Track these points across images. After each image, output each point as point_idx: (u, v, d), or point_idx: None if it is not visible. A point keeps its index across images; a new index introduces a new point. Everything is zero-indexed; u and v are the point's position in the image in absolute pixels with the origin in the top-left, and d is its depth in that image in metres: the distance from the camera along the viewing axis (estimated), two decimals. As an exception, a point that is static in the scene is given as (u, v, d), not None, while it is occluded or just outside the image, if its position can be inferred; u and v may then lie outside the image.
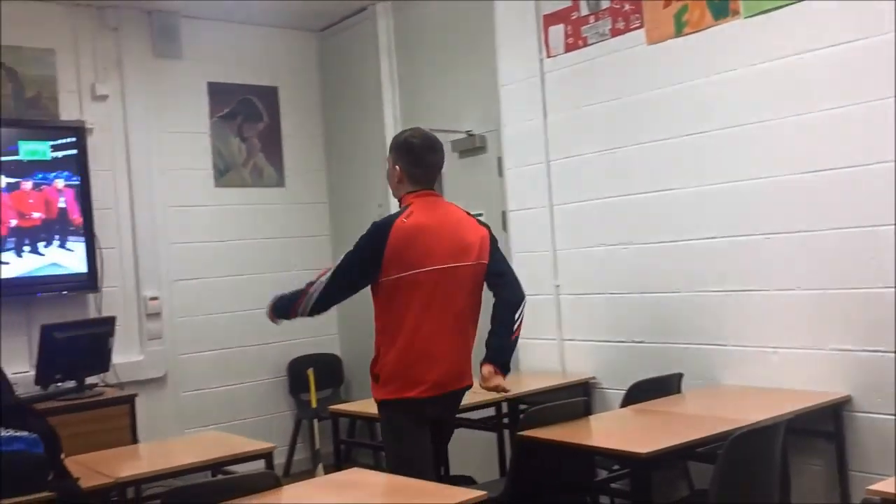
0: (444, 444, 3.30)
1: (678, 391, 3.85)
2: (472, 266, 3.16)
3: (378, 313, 3.18)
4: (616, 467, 3.63)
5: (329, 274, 3.15)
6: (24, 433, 2.90)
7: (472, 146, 5.01)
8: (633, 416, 3.51)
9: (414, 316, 3.07)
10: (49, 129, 4.96)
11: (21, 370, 4.67)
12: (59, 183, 4.92)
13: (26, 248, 4.79)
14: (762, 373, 3.66)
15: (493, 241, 3.29)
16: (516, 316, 3.16)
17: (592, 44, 4.28)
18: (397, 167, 3.22)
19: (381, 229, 3.10)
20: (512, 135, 4.75)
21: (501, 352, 3.11)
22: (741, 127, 3.68)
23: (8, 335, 4.77)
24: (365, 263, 3.11)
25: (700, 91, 3.83)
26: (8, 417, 2.93)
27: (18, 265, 4.76)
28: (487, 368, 3.06)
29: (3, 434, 2.87)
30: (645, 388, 3.77)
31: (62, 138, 4.94)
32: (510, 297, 3.20)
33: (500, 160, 4.88)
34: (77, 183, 4.97)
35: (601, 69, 4.25)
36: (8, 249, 4.72)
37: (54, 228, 4.89)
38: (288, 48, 6.10)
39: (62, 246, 4.92)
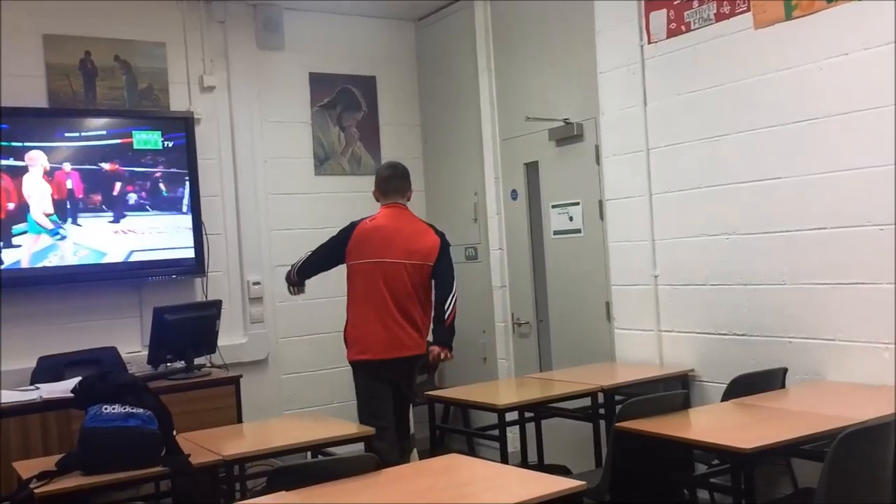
0: (404, 409, 4.22)
1: (782, 386, 3.75)
2: (417, 265, 4.10)
3: (347, 291, 4.18)
4: (715, 462, 3.57)
5: (312, 250, 4.24)
6: (140, 410, 3.06)
7: (569, 134, 4.97)
8: (735, 411, 3.44)
9: (365, 295, 4.06)
10: (161, 119, 5.17)
11: (133, 350, 4.92)
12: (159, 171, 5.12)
13: (135, 233, 5.02)
14: (872, 369, 3.52)
15: (443, 248, 4.20)
16: (446, 307, 4.12)
17: (695, 29, 4.18)
18: (374, 189, 4.33)
19: (351, 225, 4.15)
20: (610, 122, 4.69)
21: (441, 335, 4.14)
22: (852, 114, 3.54)
23: (122, 317, 5.03)
24: (334, 247, 4.16)
25: (809, 77, 3.70)
26: (125, 395, 3.09)
27: (129, 249, 4.99)
28: (433, 349, 4.16)
29: (120, 411, 3.03)
30: (747, 382, 3.68)
31: (172, 128, 5.14)
32: (440, 294, 4.16)
33: (597, 148, 4.83)
34: (185, 171, 5.17)
35: (704, 55, 4.15)
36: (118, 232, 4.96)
37: (166, 214, 5.10)
38: (386, 38, 6.18)
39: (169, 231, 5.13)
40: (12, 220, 4.65)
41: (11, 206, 4.65)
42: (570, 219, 5.05)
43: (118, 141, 4.96)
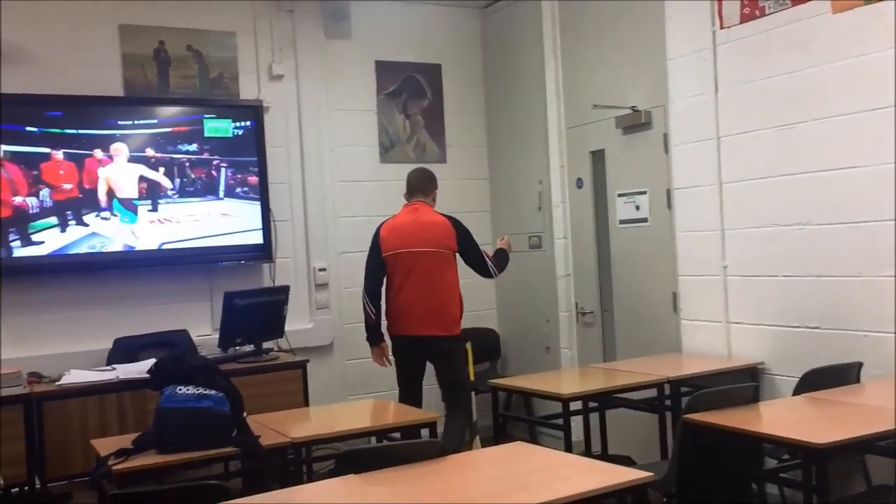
0: (442, 382, 4.60)
1: (857, 381, 3.65)
2: (434, 252, 4.53)
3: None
4: (786, 457, 3.50)
5: (365, 272, 4.70)
6: (212, 392, 3.14)
7: (637, 122, 4.91)
8: (807, 405, 3.36)
9: (395, 282, 4.57)
10: (231, 107, 5.27)
11: (204, 333, 5.04)
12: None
13: (204, 218, 5.13)
14: (953, 365, 3.41)
15: (460, 232, 4.61)
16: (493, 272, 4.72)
17: (771, 13, 4.08)
18: (405, 191, 4.81)
19: (377, 230, 4.69)
20: (680, 110, 4.61)
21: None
22: (937, 100, 3.41)
23: (192, 300, 5.15)
24: (374, 254, 4.66)
25: (887, 63, 3.57)
26: (198, 377, 3.17)
27: (198, 234, 5.11)
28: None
29: (194, 392, 3.11)
30: (820, 377, 3.59)
31: (242, 116, 5.24)
32: (485, 276, 4.77)
33: (665, 136, 4.75)
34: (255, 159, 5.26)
35: (779, 40, 4.04)
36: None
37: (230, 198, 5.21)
38: (452, 26, 6.18)
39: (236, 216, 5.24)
40: (85, 205, 4.79)
41: (68, 188, 4.80)
42: (637, 208, 4.99)
43: (189, 128, 5.08)
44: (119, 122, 4.89)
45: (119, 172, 4.89)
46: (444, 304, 4.51)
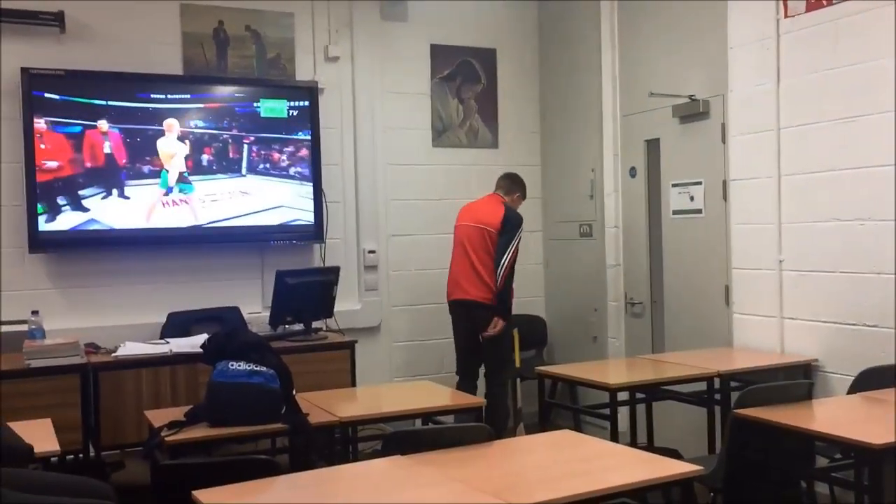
0: (485, 359, 5.05)
1: (915, 382, 3.56)
2: (479, 228, 4.97)
3: None
4: (838, 456, 3.43)
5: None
6: (263, 368, 3.18)
7: (695, 111, 4.83)
8: (863, 404, 3.29)
9: (452, 253, 5.12)
10: (287, 88, 5.31)
11: (254, 310, 5.11)
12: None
13: (259, 197, 5.19)
14: None
15: (506, 222, 4.92)
16: (497, 273, 4.88)
17: (838, 2, 3.97)
18: None
19: None
20: (739, 100, 4.52)
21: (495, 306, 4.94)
22: None
23: (244, 278, 5.22)
24: None
25: (963, 55, 3.46)
26: (250, 353, 3.22)
27: (251, 212, 5.18)
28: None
29: (245, 368, 3.16)
30: (876, 376, 3.52)
31: (297, 97, 5.28)
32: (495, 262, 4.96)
33: (723, 126, 4.67)
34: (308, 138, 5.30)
35: (846, 30, 3.94)
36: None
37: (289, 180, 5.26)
38: (507, 10, 6.13)
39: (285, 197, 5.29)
40: (129, 175, 4.88)
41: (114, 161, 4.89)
42: (691, 198, 4.91)
43: (246, 108, 5.13)
44: (177, 98, 4.96)
45: (173, 148, 4.96)
46: (478, 273, 4.91)
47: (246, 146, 5.14)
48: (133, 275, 4.95)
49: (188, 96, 5.00)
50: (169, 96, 4.95)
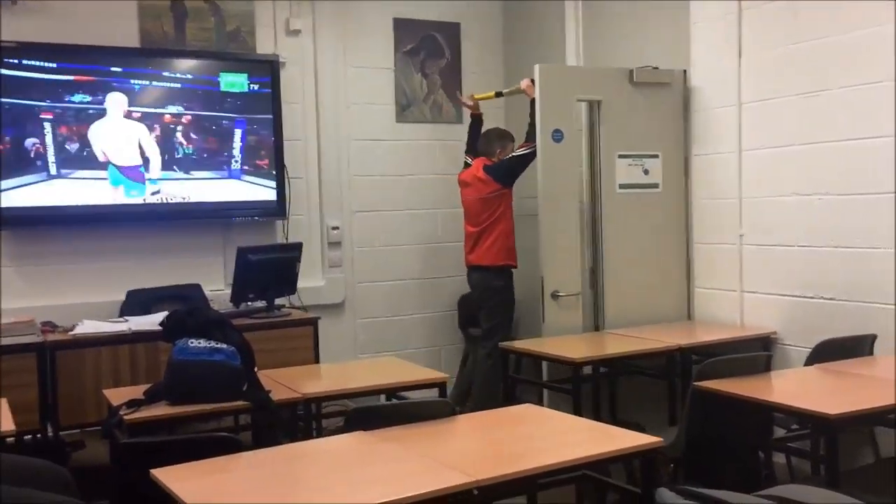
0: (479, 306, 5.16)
1: (870, 353, 3.63)
2: (474, 197, 5.04)
3: None
4: (795, 427, 3.50)
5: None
6: (224, 346, 3.15)
7: (656, 80, 4.78)
8: (820, 376, 3.35)
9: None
10: (247, 61, 5.22)
11: (217, 288, 5.05)
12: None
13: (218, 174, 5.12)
14: (969, 341, 3.38)
15: (489, 169, 5.00)
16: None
17: (798, -22, 3.99)
18: None
19: None
20: (702, 75, 4.54)
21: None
22: (967, 71, 3.34)
23: (206, 255, 5.15)
24: None
25: (920, 30, 3.50)
26: (210, 330, 3.18)
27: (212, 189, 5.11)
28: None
29: (206, 345, 3.12)
30: (833, 348, 3.58)
31: (258, 71, 5.19)
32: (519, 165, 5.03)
33: (685, 100, 4.68)
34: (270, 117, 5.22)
35: (808, 6, 3.96)
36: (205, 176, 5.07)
37: (244, 157, 5.19)
38: (472, -16, 6.08)
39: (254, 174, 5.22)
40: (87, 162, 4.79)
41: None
42: (646, 172, 4.85)
43: (205, 84, 5.04)
44: (134, 72, 4.85)
45: (124, 127, 4.86)
46: (475, 238, 5.03)
47: (204, 122, 5.05)
48: (91, 253, 4.85)
49: (146, 70, 4.90)
50: (124, 70, 4.84)
